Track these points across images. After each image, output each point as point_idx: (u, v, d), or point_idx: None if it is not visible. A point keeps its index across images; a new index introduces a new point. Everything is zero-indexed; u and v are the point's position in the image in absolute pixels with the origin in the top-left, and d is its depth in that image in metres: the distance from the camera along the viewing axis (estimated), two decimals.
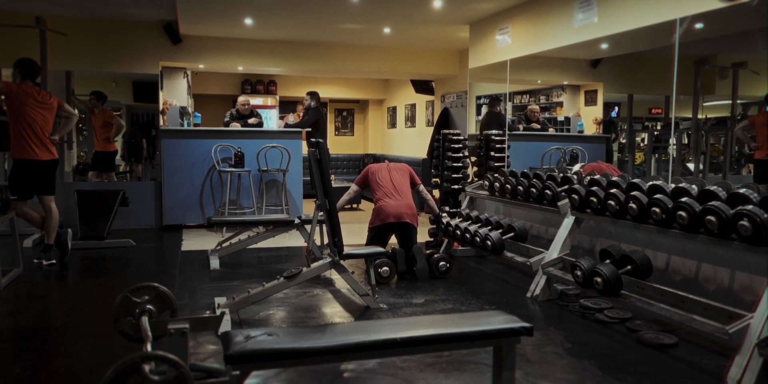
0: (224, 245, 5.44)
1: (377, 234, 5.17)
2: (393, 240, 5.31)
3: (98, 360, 3.08)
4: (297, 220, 5.41)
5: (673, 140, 5.78)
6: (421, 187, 5.55)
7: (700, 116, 5.98)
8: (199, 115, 8.87)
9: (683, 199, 3.33)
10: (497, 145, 6.24)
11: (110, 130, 7.97)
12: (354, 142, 13.45)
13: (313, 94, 8.10)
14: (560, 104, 7.70)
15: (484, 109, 8.29)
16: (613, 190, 3.88)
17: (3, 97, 5.14)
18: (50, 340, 3.45)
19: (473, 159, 6.54)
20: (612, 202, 3.85)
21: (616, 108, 7.13)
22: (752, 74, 5.74)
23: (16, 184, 5.05)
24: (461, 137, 6.26)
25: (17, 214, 5.02)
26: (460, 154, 6.20)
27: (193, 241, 6.57)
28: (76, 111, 7.85)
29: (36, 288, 4.64)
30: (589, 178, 4.43)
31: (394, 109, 12.31)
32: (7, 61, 5.07)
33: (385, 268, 4.68)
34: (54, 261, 5.24)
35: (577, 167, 5.79)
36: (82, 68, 7.67)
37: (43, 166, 5.12)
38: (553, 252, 4.37)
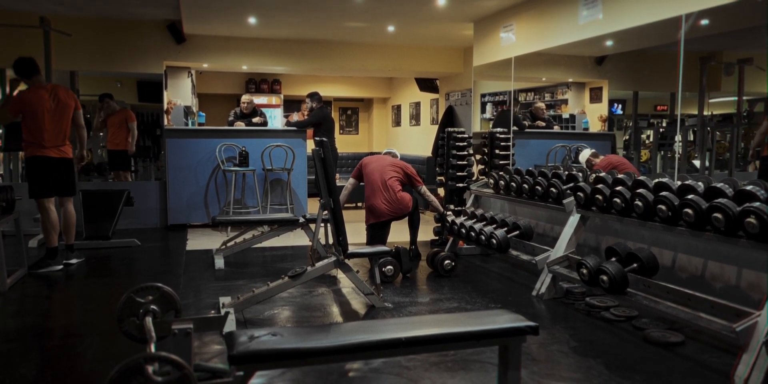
0: (229, 245, 5.44)
1: (376, 230, 5.20)
2: (397, 239, 5.31)
3: (103, 359, 3.08)
4: (302, 220, 5.40)
5: (678, 137, 5.75)
6: (423, 189, 5.50)
7: (705, 113, 5.94)
8: (204, 114, 8.88)
9: (689, 197, 3.32)
10: (502, 143, 6.23)
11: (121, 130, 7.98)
12: (358, 141, 13.44)
13: (313, 96, 7.94)
14: (565, 102, 7.68)
15: (488, 107, 8.27)
16: (618, 188, 3.86)
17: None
18: (55, 339, 3.46)
19: (478, 157, 6.53)
20: (618, 200, 3.83)
21: (615, 104, 7.10)
22: (758, 70, 5.70)
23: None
24: (466, 135, 6.24)
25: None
26: (465, 152, 6.19)
27: (197, 241, 6.57)
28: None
29: (41, 288, 4.65)
30: (594, 176, 4.41)
31: (399, 107, 12.30)
32: (11, 61, 5.06)
33: (389, 266, 4.67)
34: (74, 260, 5.25)
35: (585, 153, 5.71)
36: (86, 68, 7.67)
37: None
38: (559, 250, 4.35)
